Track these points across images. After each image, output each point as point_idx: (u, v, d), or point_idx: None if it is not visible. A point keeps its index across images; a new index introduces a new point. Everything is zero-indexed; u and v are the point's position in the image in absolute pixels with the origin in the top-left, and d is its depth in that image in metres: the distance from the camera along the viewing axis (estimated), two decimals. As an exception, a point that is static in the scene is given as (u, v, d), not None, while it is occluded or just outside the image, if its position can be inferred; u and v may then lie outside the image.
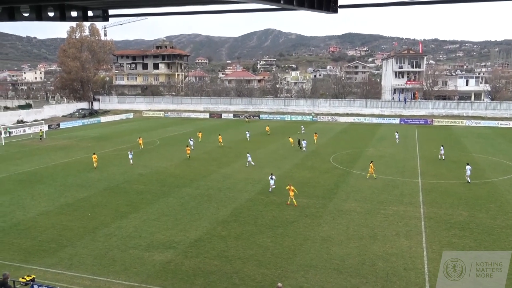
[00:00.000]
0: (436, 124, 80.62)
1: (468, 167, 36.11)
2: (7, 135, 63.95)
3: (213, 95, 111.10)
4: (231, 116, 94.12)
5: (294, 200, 29.60)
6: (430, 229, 24.79)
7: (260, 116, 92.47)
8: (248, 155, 42.86)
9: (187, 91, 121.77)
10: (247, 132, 61.57)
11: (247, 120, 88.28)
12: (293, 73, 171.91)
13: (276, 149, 51.88)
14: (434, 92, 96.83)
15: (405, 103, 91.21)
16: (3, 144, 58.42)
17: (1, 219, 27.09)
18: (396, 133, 60.20)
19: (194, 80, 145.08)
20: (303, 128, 67.99)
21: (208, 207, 29.28)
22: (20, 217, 27.62)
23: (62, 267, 20.17)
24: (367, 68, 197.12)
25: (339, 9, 13.60)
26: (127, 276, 19.31)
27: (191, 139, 53.59)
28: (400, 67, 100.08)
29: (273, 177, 33.47)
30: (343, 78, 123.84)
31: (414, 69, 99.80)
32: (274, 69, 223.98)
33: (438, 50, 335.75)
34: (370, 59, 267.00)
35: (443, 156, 45.14)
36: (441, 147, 46.55)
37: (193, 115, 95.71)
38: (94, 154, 44.39)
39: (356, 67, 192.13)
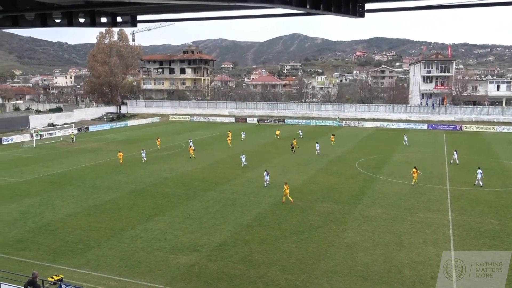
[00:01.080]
0: (466, 130, 78.80)
1: (479, 171, 35.69)
2: (39, 137, 65.66)
3: (238, 100, 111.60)
4: (256, 120, 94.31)
5: (290, 197, 30.99)
6: (458, 237, 24.20)
7: (285, 121, 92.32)
8: (242, 156, 44.67)
9: (213, 96, 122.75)
10: (242, 133, 65.34)
11: (257, 124, 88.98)
12: (319, 78, 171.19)
13: (300, 154, 51.67)
14: (463, 97, 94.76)
15: (433, 108, 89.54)
16: (35, 146, 60.05)
17: (31, 220, 27.83)
18: (404, 136, 61.21)
19: (219, 84, 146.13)
20: (300, 133, 67.06)
21: (232, 211, 29.38)
22: (50, 217, 28.30)
23: (89, 268, 20.55)
24: (394, 72, 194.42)
25: (366, 14, 13.51)
26: (152, 278, 19.52)
27: (191, 139, 55.09)
28: (428, 72, 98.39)
29: (268, 172, 36.07)
30: (369, 83, 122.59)
31: (443, 74, 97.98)
32: (299, 73, 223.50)
33: (468, 55, 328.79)
34: (397, 64, 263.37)
35: (456, 161, 44.79)
36: (455, 152, 46.29)
37: (218, 119, 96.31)
38: (119, 152, 47.77)
39: (383, 71, 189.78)
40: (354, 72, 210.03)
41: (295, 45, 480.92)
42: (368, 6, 13.45)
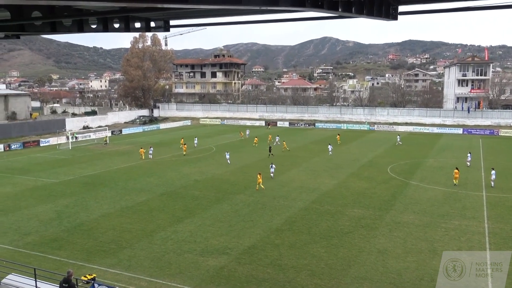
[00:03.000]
0: (503, 134, 76.26)
1: (493, 171, 36.37)
2: (74, 139, 67.50)
3: (269, 103, 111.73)
4: (286, 124, 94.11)
5: (262, 185, 35.38)
6: (494, 245, 23.39)
7: (316, 124, 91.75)
8: (226, 153, 48.67)
9: (243, 99, 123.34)
10: (247, 131, 72.58)
11: (268, 127, 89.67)
12: (350, 81, 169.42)
13: (331, 158, 51.22)
14: (501, 101, 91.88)
15: (469, 112, 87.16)
16: (70, 148, 61.77)
17: (66, 220, 28.60)
18: (398, 136, 64.27)
19: (250, 88, 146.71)
20: (277, 139, 64.13)
21: (262, 214, 29.37)
22: (84, 218, 29.02)
23: (121, 268, 20.93)
24: (428, 76, 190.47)
25: (399, 16, 13.31)
26: (182, 279, 19.71)
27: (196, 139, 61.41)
28: (464, 75, 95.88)
29: (273, 165, 40.94)
30: (402, 86, 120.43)
31: (479, 77, 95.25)
32: (330, 77, 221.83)
33: (506, 57, 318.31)
34: (431, 67, 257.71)
35: (468, 163, 45.31)
36: (469, 154, 46.67)
37: (248, 123, 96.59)
38: (141, 148, 52.16)
39: (416, 75, 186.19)
40: (387, 75, 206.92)
41: (326, 48, 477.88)
42: (401, 8, 13.25)
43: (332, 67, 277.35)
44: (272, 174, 40.59)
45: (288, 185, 37.74)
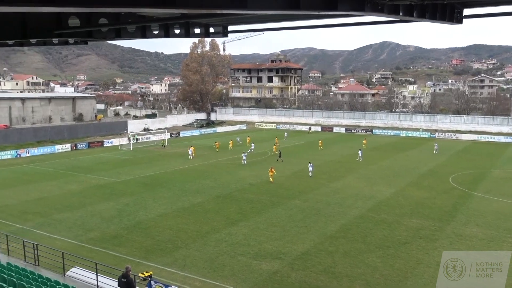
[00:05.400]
0: None
1: None
2: (135, 141, 70.17)
3: (325, 109, 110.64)
4: (343, 130, 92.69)
5: (271, 178, 40.23)
6: None
7: (373, 131, 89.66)
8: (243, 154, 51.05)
9: (299, 104, 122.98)
10: (285, 133, 76.46)
11: (309, 132, 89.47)
12: (410, 87, 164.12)
13: (389, 166, 49.85)
14: None
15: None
16: (131, 149, 64.27)
17: (126, 218, 29.76)
18: (435, 144, 62.22)
19: (306, 93, 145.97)
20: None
21: (316, 220, 29.07)
22: (143, 217, 30.06)
23: (176, 267, 21.46)
24: (494, 82, 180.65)
25: (464, 20, 12.75)
26: (235, 282, 19.88)
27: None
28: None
29: (312, 164, 43.42)
30: (466, 93, 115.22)
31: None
32: (389, 82, 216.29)
33: None
34: (499, 73, 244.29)
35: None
36: None
37: (304, 128, 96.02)
38: (191, 146, 54.95)
39: (482, 81, 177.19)
40: (450, 81, 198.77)
41: (385, 53, 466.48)
42: (466, 11, 12.68)
43: (391, 73, 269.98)
44: (310, 173, 42.78)
45: (343, 192, 37.12)
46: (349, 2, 10.04)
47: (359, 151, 54.32)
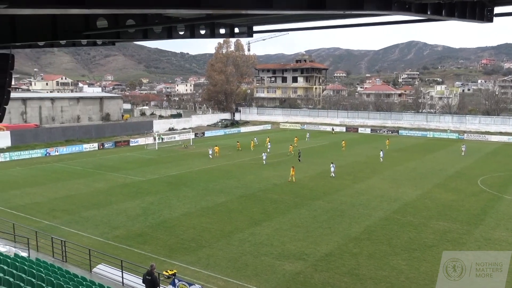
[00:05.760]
0: None
1: None
2: (160, 140, 70.97)
3: (350, 109, 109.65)
4: (368, 130, 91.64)
5: (293, 178, 40.45)
6: None
7: (400, 131, 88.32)
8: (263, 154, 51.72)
9: (324, 104, 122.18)
10: (307, 134, 76.94)
11: (333, 132, 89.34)
12: (438, 87, 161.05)
13: (415, 167, 49.03)
14: None
15: None
16: (157, 149, 65.04)
17: (151, 216, 30.14)
18: (462, 146, 60.35)
19: (331, 93, 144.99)
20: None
21: (340, 222, 28.83)
22: (167, 215, 30.39)
23: (200, 266, 21.61)
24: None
25: (494, 18, 12.41)
26: (258, 282, 19.89)
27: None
28: None
29: (334, 165, 43.63)
30: (496, 93, 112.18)
31: None
32: (416, 83, 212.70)
33: None
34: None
35: None
36: None
37: (328, 128, 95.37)
38: (216, 146, 56.38)
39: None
40: (479, 81, 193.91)
41: (412, 53, 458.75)
42: (497, 9, 12.33)
43: (418, 72, 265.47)
44: (333, 174, 43.01)
45: (368, 193, 36.70)
46: (376, 1, 9.90)
47: (381, 152, 53.78)
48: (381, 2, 10.00)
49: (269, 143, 62.52)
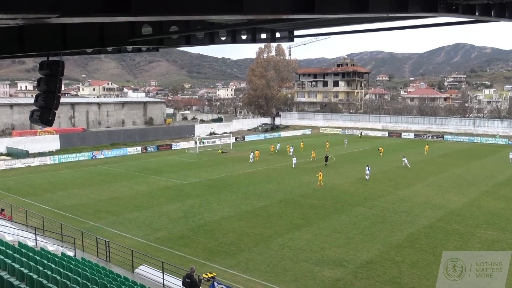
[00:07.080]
0: None
1: None
2: (201, 144, 71.94)
3: (393, 113, 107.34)
4: (412, 135, 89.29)
5: (322, 182, 40.20)
6: None
7: (445, 137, 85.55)
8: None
9: (366, 109, 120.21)
10: (345, 140, 74.53)
11: (360, 136, 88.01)
12: (487, 91, 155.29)
13: (461, 174, 47.35)
14: None
15: None
16: (198, 152, 65.97)
17: (191, 219, 30.57)
18: (511, 153, 55.25)
19: (373, 97, 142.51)
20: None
21: (381, 229, 28.22)
22: (207, 219, 30.73)
23: (239, 270, 21.69)
24: None
25: (549, 18, 11.82)
26: (297, 287, 19.74)
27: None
28: None
29: (369, 167, 43.90)
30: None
31: None
32: (463, 86, 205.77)
33: None
34: None
35: None
36: None
37: (370, 133, 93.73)
38: (257, 150, 57.39)
39: None
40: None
41: (459, 55, 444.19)
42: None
43: (465, 76, 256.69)
44: (367, 176, 43.33)
45: (411, 200, 35.75)
46: (421, 3, 9.65)
47: (404, 159, 51.79)
48: (427, 4, 9.75)
49: (291, 147, 62.76)
